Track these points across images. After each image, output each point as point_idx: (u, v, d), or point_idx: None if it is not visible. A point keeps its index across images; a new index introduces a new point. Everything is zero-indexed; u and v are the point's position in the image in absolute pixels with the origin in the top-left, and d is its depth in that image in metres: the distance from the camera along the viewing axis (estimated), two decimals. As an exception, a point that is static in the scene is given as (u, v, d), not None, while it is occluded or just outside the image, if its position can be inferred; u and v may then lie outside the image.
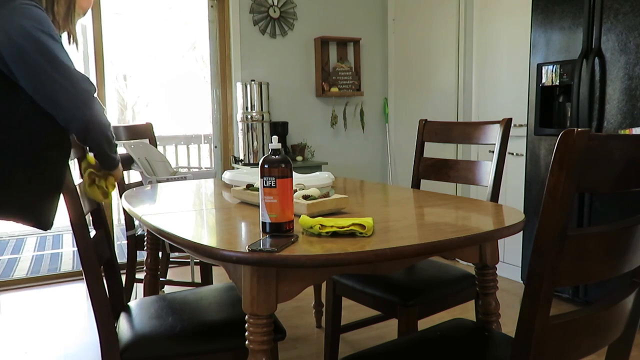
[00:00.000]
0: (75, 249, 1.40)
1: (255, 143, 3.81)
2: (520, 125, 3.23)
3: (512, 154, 3.33)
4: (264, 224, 1.24)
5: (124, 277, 2.74)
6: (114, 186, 1.58)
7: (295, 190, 1.55)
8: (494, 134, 1.94)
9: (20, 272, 3.98)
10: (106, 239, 1.58)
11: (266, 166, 1.23)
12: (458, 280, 1.89)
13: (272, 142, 1.27)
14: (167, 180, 2.53)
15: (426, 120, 2.24)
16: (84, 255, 1.31)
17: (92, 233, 1.42)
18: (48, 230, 1.38)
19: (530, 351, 0.86)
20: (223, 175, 2.14)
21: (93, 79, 3.60)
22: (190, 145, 5.20)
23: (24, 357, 2.44)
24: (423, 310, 1.75)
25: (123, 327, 1.48)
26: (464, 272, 1.94)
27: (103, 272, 1.45)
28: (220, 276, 3.46)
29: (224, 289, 1.75)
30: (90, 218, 1.60)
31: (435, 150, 2.54)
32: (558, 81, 2.85)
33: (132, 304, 1.65)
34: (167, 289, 3.21)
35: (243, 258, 1.07)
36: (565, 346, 0.91)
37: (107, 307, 1.36)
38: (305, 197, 1.47)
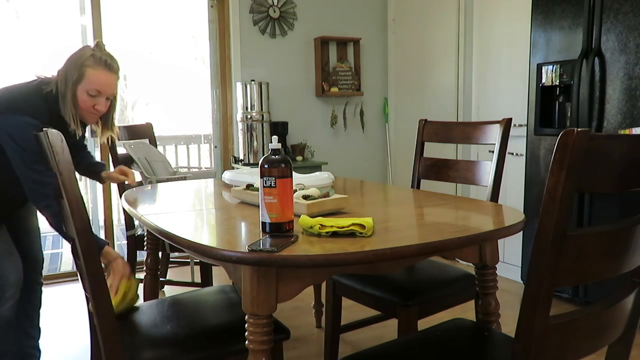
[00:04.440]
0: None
1: (255, 143, 3.81)
2: (520, 125, 3.23)
3: (512, 154, 3.33)
4: (264, 224, 1.24)
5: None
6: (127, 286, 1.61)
7: (295, 190, 1.55)
8: (494, 134, 1.94)
9: (20, 272, 3.97)
10: None
11: (266, 166, 1.23)
12: (458, 280, 1.89)
13: (272, 142, 1.27)
14: (167, 180, 2.53)
15: (426, 120, 2.24)
16: (89, 265, 1.24)
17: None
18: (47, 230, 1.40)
19: (530, 351, 0.86)
20: (223, 175, 2.14)
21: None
22: (190, 145, 5.19)
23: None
24: (423, 310, 1.75)
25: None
26: (464, 272, 1.94)
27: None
28: (220, 276, 3.46)
29: (218, 291, 1.75)
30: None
31: (435, 150, 2.54)
32: (558, 81, 2.85)
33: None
34: (167, 289, 3.21)
35: (243, 258, 1.07)
36: (565, 346, 0.91)
37: (112, 316, 1.30)
38: (305, 197, 1.47)
